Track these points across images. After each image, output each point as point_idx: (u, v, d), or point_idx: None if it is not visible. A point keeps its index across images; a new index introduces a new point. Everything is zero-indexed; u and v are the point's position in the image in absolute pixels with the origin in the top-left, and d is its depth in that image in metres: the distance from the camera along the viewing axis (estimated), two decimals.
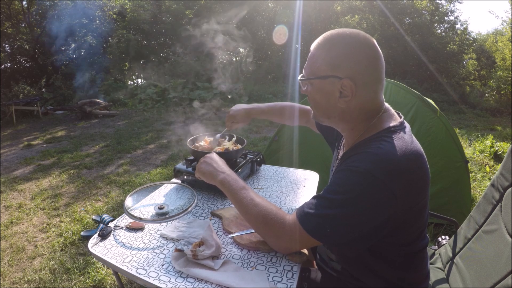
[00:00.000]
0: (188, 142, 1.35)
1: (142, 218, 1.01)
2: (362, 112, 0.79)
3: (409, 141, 0.74)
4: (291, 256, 0.86)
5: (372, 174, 0.67)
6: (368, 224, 0.70)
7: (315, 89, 0.80)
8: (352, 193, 0.70)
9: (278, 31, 11.69)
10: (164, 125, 6.27)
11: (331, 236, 0.73)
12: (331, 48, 0.76)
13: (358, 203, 0.69)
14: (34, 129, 6.37)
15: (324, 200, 0.74)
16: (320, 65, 0.78)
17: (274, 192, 1.30)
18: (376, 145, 0.72)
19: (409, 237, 0.79)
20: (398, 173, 0.68)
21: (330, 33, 0.79)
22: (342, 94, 0.76)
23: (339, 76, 0.75)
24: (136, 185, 3.27)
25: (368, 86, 0.76)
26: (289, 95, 9.36)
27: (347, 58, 0.74)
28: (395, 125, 0.78)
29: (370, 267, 0.82)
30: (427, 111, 2.32)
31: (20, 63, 9.96)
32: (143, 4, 11.16)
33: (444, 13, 12.40)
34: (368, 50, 0.75)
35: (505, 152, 3.14)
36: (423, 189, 0.74)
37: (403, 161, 0.69)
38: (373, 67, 0.76)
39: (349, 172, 0.71)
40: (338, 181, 0.73)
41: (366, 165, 0.69)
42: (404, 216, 0.72)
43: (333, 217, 0.72)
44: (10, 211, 2.76)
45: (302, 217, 0.76)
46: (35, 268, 1.99)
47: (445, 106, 9.08)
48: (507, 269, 0.86)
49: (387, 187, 0.67)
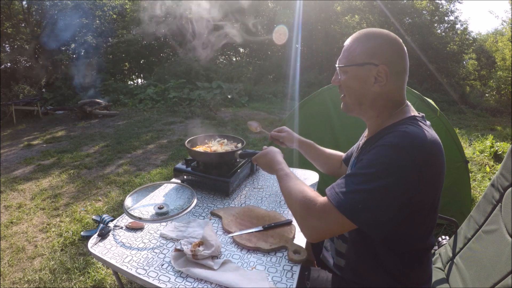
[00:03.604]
0: (186, 143, 1.35)
1: (141, 218, 1.01)
2: (389, 100, 0.87)
3: (430, 129, 0.83)
4: (291, 256, 0.86)
5: (402, 147, 0.73)
6: (396, 201, 0.74)
7: (351, 76, 0.88)
8: (383, 166, 0.74)
9: (278, 31, 11.69)
10: (164, 125, 6.27)
11: (360, 213, 0.74)
12: (368, 40, 0.86)
13: (388, 176, 0.73)
14: (34, 129, 6.37)
15: (355, 176, 0.77)
16: (358, 54, 0.86)
17: (274, 192, 1.30)
18: (403, 128, 0.79)
19: (421, 231, 0.83)
20: (424, 149, 0.74)
21: (365, 30, 0.89)
22: (376, 80, 0.84)
23: (375, 63, 0.83)
24: (136, 185, 3.27)
25: (398, 75, 0.86)
26: (289, 95, 9.36)
27: (382, 49, 0.84)
28: (418, 116, 0.86)
29: (381, 261, 0.84)
30: (427, 111, 2.31)
31: (20, 63, 9.95)
32: (143, 4, 11.15)
33: (444, 13, 12.40)
34: (399, 45, 0.86)
35: (505, 152, 3.13)
36: (441, 175, 0.80)
37: (429, 142, 0.76)
38: (403, 59, 0.86)
39: (379, 148, 0.77)
40: (369, 157, 0.78)
41: (395, 140, 0.75)
42: (424, 201, 0.77)
43: (364, 191, 0.74)
44: (10, 211, 2.76)
45: (332, 195, 0.78)
46: (35, 268, 1.99)
47: (445, 106, 9.08)
48: (507, 269, 0.86)
49: (414, 160, 0.72)
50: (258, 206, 1.16)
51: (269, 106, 8.28)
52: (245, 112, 7.42)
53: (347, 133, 2.39)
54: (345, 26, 12.42)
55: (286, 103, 8.67)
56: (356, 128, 1.36)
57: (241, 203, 1.19)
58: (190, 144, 1.37)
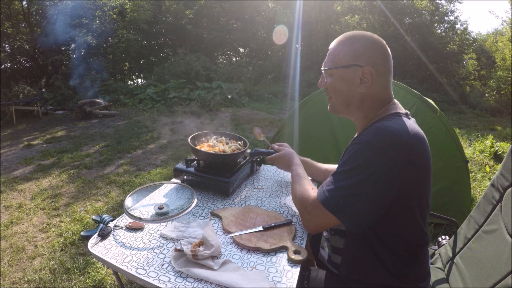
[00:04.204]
0: (189, 140, 1.34)
1: (142, 218, 1.00)
2: (376, 100, 0.90)
3: (412, 124, 0.84)
4: (291, 256, 0.86)
5: (374, 145, 0.76)
6: (373, 195, 0.77)
7: (337, 79, 0.90)
8: (356, 163, 0.79)
9: (278, 31, 11.70)
10: (164, 125, 6.27)
11: (342, 208, 0.80)
12: (353, 42, 0.89)
13: (362, 172, 0.77)
14: (34, 129, 6.37)
15: (336, 175, 0.84)
16: (342, 56, 0.89)
17: (274, 192, 1.30)
18: (378, 124, 0.82)
19: (413, 226, 0.84)
20: (399, 144, 0.76)
21: (350, 32, 0.92)
22: (362, 81, 0.87)
23: (360, 65, 0.86)
24: (136, 185, 3.27)
25: (383, 75, 0.88)
26: (289, 95, 9.36)
27: (367, 50, 0.87)
28: (400, 112, 0.89)
29: (378, 256, 0.86)
30: (427, 111, 2.31)
31: (20, 63, 9.94)
32: (143, 4, 11.15)
33: (444, 13, 12.40)
34: (383, 46, 0.89)
35: (505, 152, 3.14)
36: (425, 168, 0.80)
37: (405, 135, 0.77)
38: (387, 59, 0.89)
39: (354, 146, 0.82)
40: (346, 156, 0.84)
41: (367, 137, 0.79)
42: (408, 194, 0.79)
43: (343, 188, 0.80)
44: (10, 211, 2.76)
45: (320, 192, 0.87)
46: (35, 268, 1.99)
47: (445, 106, 9.07)
48: (507, 269, 0.86)
49: (388, 157, 0.75)
50: (258, 206, 1.16)
51: (269, 106, 8.28)
52: (245, 112, 7.42)
53: (347, 133, 2.39)
54: (345, 26, 12.41)
55: (286, 103, 8.67)
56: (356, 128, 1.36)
57: (241, 203, 1.19)
58: (193, 142, 1.37)
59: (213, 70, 10.38)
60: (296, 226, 1.02)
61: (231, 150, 1.32)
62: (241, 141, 1.43)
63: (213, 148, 1.34)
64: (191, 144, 1.30)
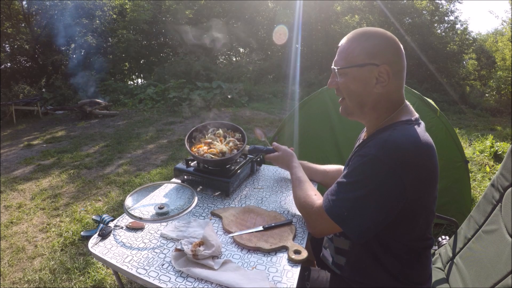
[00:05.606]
0: (186, 141, 1.33)
1: (142, 218, 1.00)
2: (389, 101, 0.85)
3: (421, 134, 0.79)
4: (291, 256, 0.86)
5: (380, 160, 0.74)
6: (379, 209, 0.75)
7: (350, 78, 0.85)
8: (361, 176, 0.77)
9: (278, 31, 11.69)
10: (164, 125, 6.27)
11: (347, 219, 0.79)
12: (367, 39, 0.83)
13: (367, 186, 0.76)
14: (34, 129, 6.37)
15: (341, 184, 0.82)
16: (357, 55, 0.83)
17: (274, 192, 1.30)
18: (388, 133, 0.79)
19: (416, 233, 0.83)
20: (406, 162, 0.73)
21: (362, 29, 0.86)
22: (378, 80, 0.82)
23: (376, 63, 0.81)
24: (136, 185, 3.27)
25: (399, 74, 0.84)
26: (289, 95, 9.36)
27: (382, 48, 0.82)
28: (410, 119, 0.84)
29: (380, 259, 0.85)
30: (427, 111, 2.31)
31: (20, 63, 9.95)
32: (143, 4, 11.15)
33: (444, 13, 12.41)
34: (397, 43, 0.84)
35: (505, 152, 3.13)
36: (432, 181, 0.79)
37: (412, 150, 0.74)
38: (402, 57, 0.84)
39: (360, 158, 0.78)
40: (352, 166, 0.81)
41: (374, 151, 0.75)
42: (412, 206, 0.77)
43: (348, 200, 0.79)
44: (10, 211, 2.76)
45: (325, 201, 0.85)
46: (35, 268, 1.99)
47: (445, 106, 9.07)
48: (507, 269, 0.86)
49: (395, 174, 0.73)
50: (258, 206, 1.16)
51: (269, 106, 8.28)
52: (245, 112, 7.42)
53: (347, 133, 2.39)
54: (345, 26, 12.41)
55: (286, 103, 8.67)
56: (356, 128, 1.36)
57: (242, 203, 1.19)
58: (190, 141, 1.36)
59: (213, 70, 10.38)
60: (296, 226, 1.02)
61: (229, 148, 1.31)
62: (239, 133, 1.42)
63: (211, 146, 1.31)
64: (188, 148, 1.30)
